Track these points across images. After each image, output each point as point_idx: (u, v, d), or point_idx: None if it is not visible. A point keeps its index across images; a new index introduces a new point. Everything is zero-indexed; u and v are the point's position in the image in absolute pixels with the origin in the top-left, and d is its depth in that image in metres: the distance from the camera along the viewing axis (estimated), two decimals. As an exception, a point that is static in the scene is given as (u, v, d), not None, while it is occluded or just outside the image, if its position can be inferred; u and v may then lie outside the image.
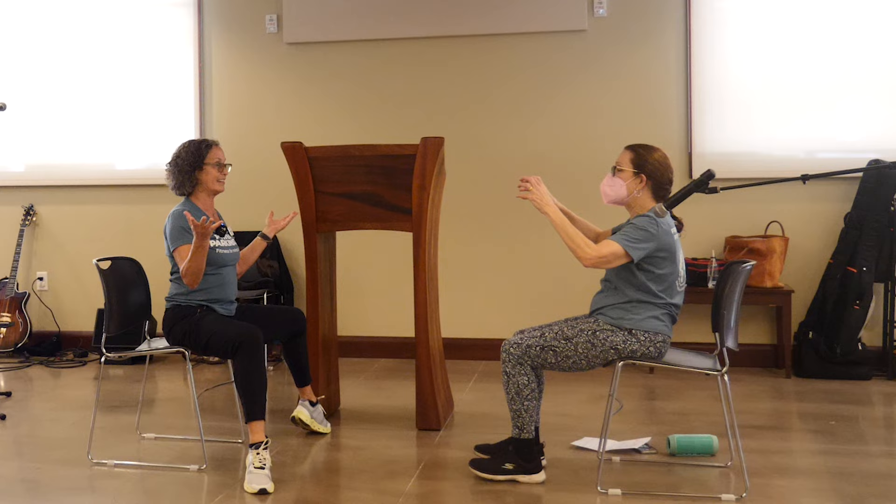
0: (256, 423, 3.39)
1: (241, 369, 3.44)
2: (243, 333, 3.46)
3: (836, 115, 5.28)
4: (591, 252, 3.16)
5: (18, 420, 4.36)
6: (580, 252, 3.18)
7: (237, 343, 3.43)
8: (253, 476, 3.28)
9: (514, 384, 3.26)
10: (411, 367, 4.60)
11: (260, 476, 3.27)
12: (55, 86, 6.15)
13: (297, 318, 3.96)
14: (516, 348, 3.26)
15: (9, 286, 6.00)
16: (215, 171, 3.74)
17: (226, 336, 3.49)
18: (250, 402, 3.41)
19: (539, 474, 3.30)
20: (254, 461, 3.31)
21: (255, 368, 3.42)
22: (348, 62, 5.81)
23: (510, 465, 3.30)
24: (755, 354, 5.34)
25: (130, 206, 6.09)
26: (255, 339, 3.45)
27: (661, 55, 5.47)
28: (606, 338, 3.22)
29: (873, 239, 5.05)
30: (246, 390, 3.43)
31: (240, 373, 3.45)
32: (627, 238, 3.17)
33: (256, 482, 3.25)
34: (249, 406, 3.41)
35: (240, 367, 3.45)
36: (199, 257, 3.46)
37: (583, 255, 3.17)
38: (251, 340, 3.44)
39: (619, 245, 3.15)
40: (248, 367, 3.43)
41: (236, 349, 3.44)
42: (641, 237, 3.16)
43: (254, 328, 3.50)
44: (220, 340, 3.51)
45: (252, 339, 3.44)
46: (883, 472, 3.41)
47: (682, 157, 5.41)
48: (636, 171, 3.29)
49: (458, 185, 5.38)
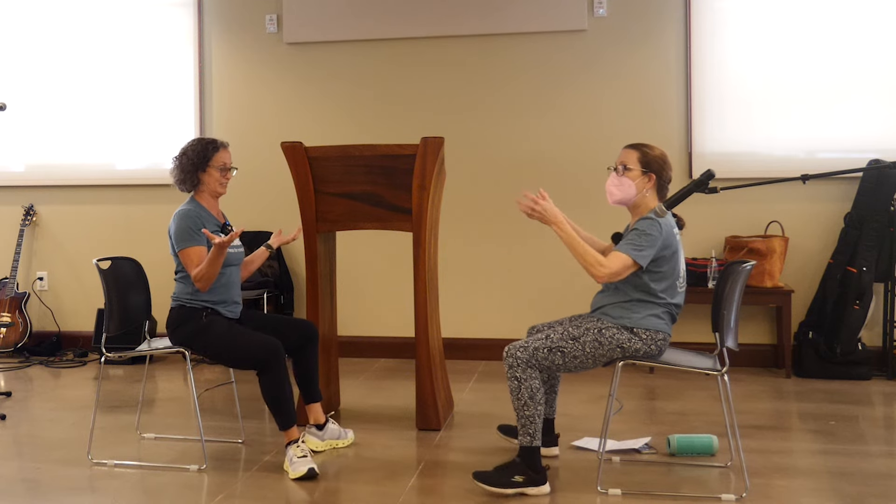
0: (291, 429, 3.52)
1: (268, 383, 3.49)
2: (266, 349, 3.49)
3: (836, 115, 5.28)
4: (604, 271, 3.15)
5: (18, 420, 4.36)
6: (593, 271, 3.16)
7: (261, 360, 3.47)
8: (297, 463, 3.42)
9: (527, 389, 3.16)
10: (411, 367, 4.60)
11: (305, 461, 3.43)
12: (55, 86, 6.15)
13: (308, 330, 3.88)
14: (523, 352, 3.20)
15: (9, 286, 6.00)
16: (218, 175, 3.72)
17: (248, 352, 3.52)
18: (285, 413, 3.51)
19: (546, 485, 3.21)
20: (295, 453, 3.46)
21: (283, 379, 3.49)
22: (348, 62, 5.81)
23: (520, 477, 3.18)
24: (755, 354, 5.34)
25: (130, 206, 6.10)
26: (278, 353, 3.49)
27: (661, 55, 5.47)
28: (613, 335, 3.21)
29: (873, 239, 5.05)
30: (275, 402, 3.50)
31: (267, 387, 3.50)
32: (633, 246, 3.16)
33: (303, 465, 3.42)
34: (284, 416, 3.51)
35: (267, 382, 3.49)
36: (216, 265, 3.50)
37: (596, 273, 3.16)
38: (275, 354, 3.48)
39: (628, 256, 3.15)
40: (275, 381, 3.48)
41: (262, 365, 3.48)
42: (646, 243, 3.16)
43: (274, 342, 3.53)
44: (241, 355, 3.55)
45: (276, 353, 3.48)
46: (883, 472, 3.41)
47: (682, 157, 5.41)
48: (644, 171, 3.28)
49: (458, 185, 5.39)
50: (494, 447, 3.76)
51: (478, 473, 3.24)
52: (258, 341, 3.52)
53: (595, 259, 3.17)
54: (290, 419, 3.52)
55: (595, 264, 3.16)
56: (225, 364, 3.78)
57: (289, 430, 3.51)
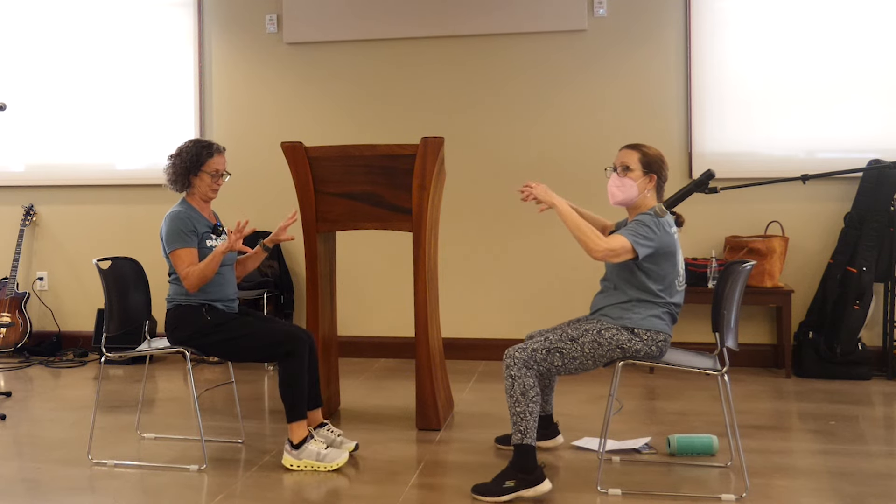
0: (301, 422, 3.52)
1: (289, 373, 3.50)
2: (295, 336, 3.53)
3: (836, 115, 5.28)
4: (602, 244, 3.12)
5: (18, 420, 4.36)
6: (591, 244, 3.13)
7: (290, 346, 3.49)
8: (329, 454, 3.46)
9: (519, 385, 3.14)
10: (411, 367, 4.60)
11: (333, 451, 3.49)
12: (55, 86, 6.15)
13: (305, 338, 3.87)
14: (522, 352, 3.19)
15: (9, 286, 6.00)
16: (209, 180, 3.69)
17: (274, 337, 3.53)
18: (298, 402, 3.51)
19: (544, 484, 3.13)
20: (320, 447, 3.49)
21: (302, 370, 3.51)
22: (348, 62, 5.81)
23: (510, 482, 3.12)
24: (755, 354, 5.34)
25: (130, 206, 6.10)
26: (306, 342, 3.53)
27: (661, 55, 5.47)
28: (612, 336, 3.21)
29: (873, 239, 5.05)
30: (292, 392, 3.50)
31: (289, 373, 3.50)
32: (635, 234, 3.15)
33: (337, 456, 3.48)
34: (297, 407, 3.51)
35: (289, 371, 3.50)
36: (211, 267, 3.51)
37: (594, 246, 3.12)
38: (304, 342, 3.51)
39: (628, 240, 3.13)
40: (296, 370, 3.50)
41: (288, 351, 3.49)
42: (647, 234, 3.15)
43: (304, 331, 3.58)
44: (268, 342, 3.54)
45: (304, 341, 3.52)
46: (883, 472, 3.41)
47: (682, 157, 5.41)
48: (646, 171, 3.28)
49: (458, 185, 5.39)
50: (494, 447, 3.77)
51: (476, 487, 3.19)
52: (285, 328, 3.59)
53: (594, 234, 3.16)
54: (304, 411, 3.54)
55: (593, 238, 3.14)
56: (238, 357, 3.72)
57: (300, 423, 3.51)
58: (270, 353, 3.57)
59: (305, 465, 3.49)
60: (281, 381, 3.52)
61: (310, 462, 3.48)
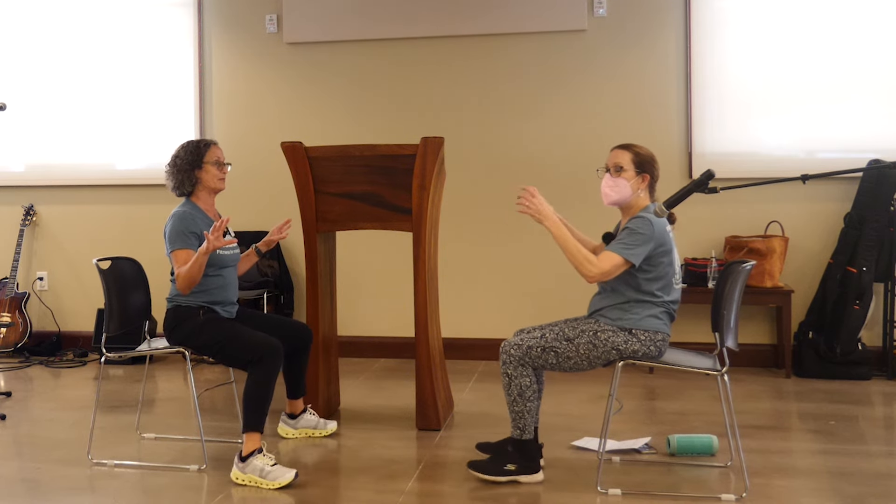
0: (256, 433, 3.39)
1: (259, 378, 3.40)
2: (267, 346, 3.43)
3: (836, 115, 5.28)
4: (594, 269, 3.19)
5: (18, 420, 4.36)
6: (583, 269, 3.21)
7: (260, 356, 3.40)
8: (274, 472, 3.31)
9: (516, 386, 3.25)
10: (411, 367, 4.60)
11: (279, 469, 3.33)
12: (55, 86, 6.15)
13: (303, 334, 3.91)
14: (517, 350, 3.24)
15: (9, 286, 6.01)
16: (215, 170, 3.72)
17: (248, 346, 3.45)
18: (258, 414, 3.39)
19: (539, 473, 3.32)
20: (265, 463, 3.33)
21: (272, 380, 3.42)
22: (348, 62, 5.81)
23: (512, 465, 3.29)
24: (755, 354, 5.34)
25: (130, 206, 6.10)
26: (276, 353, 3.43)
27: (660, 55, 5.47)
28: (608, 338, 3.22)
29: (873, 239, 5.05)
30: (258, 400, 3.39)
31: (255, 382, 3.40)
32: (624, 245, 3.18)
33: (281, 475, 3.31)
34: (256, 417, 3.39)
35: (258, 376, 3.40)
36: (197, 266, 3.46)
37: (586, 272, 3.20)
38: (274, 353, 3.42)
39: (618, 255, 3.17)
40: (265, 378, 3.40)
41: (258, 360, 3.40)
42: (638, 241, 3.17)
43: (276, 342, 3.46)
44: (241, 347, 3.47)
45: (275, 352, 3.42)
46: (883, 472, 3.41)
47: (682, 157, 5.41)
48: (639, 171, 3.29)
49: (458, 185, 5.39)
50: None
51: (472, 463, 3.35)
52: (260, 338, 3.48)
53: (585, 258, 3.21)
54: (259, 424, 3.39)
55: (585, 262, 3.20)
56: (222, 359, 3.67)
57: (254, 435, 3.38)
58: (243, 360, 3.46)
59: (249, 481, 3.34)
60: (245, 388, 3.43)
61: (253, 477, 3.33)
